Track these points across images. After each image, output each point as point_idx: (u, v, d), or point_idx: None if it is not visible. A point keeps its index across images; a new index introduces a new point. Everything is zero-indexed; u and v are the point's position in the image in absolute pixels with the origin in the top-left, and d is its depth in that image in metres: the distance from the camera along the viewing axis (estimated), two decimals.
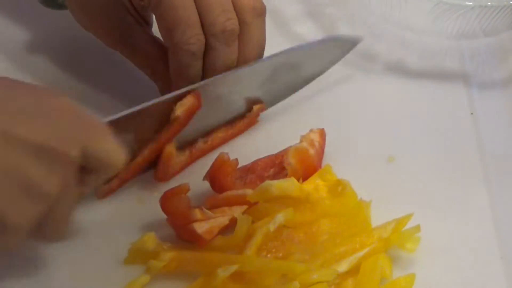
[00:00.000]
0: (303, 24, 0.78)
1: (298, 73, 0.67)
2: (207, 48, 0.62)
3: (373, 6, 0.75)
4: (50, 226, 0.52)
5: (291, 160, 0.62)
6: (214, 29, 0.61)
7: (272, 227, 0.57)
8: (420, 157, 0.67)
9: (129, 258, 0.58)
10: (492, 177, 0.65)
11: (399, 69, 0.74)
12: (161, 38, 0.64)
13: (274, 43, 0.66)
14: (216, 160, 0.60)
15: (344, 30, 0.77)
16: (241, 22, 0.62)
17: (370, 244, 0.58)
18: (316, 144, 0.63)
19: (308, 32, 0.77)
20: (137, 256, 0.58)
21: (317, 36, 0.76)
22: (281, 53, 0.66)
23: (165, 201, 0.59)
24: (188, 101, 0.61)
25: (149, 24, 0.67)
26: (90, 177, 0.53)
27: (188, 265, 0.57)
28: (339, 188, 0.61)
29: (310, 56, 0.67)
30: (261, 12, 0.63)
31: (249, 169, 0.62)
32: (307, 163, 0.62)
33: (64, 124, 0.50)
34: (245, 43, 0.63)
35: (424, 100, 0.72)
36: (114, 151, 0.52)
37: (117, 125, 0.57)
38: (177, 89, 0.62)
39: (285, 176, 0.61)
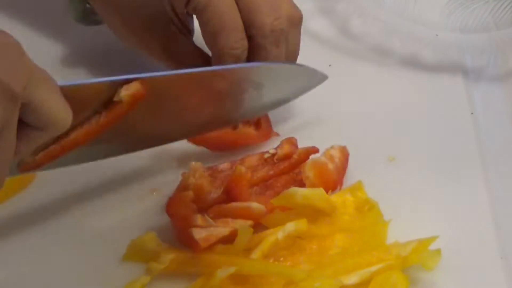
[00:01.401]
0: (315, 20, 0.78)
1: (262, 93, 0.65)
2: (257, 50, 0.62)
3: (386, 1, 0.76)
4: None
5: (309, 173, 0.61)
6: (263, 29, 0.61)
7: (280, 235, 0.57)
8: (420, 157, 0.66)
9: (128, 254, 0.58)
10: (492, 177, 0.65)
11: (410, 65, 0.75)
12: (202, 48, 0.65)
13: None
14: (233, 173, 0.60)
15: (356, 25, 0.77)
16: None
17: (386, 260, 0.57)
18: (337, 160, 0.62)
19: (321, 28, 0.77)
20: (136, 253, 0.58)
21: (330, 32, 0.76)
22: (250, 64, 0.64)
23: (171, 204, 0.59)
24: (134, 86, 0.57)
25: (191, 33, 0.67)
26: (30, 133, 0.48)
27: (188, 266, 0.57)
28: (366, 207, 0.60)
29: (275, 77, 0.65)
30: (298, 22, 0.64)
31: (269, 186, 0.62)
32: (326, 177, 0.61)
33: (8, 58, 0.46)
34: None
35: (424, 99, 0.72)
36: (58, 106, 0.48)
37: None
38: None
39: None
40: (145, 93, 0.57)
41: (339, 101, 0.70)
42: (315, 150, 0.63)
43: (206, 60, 0.65)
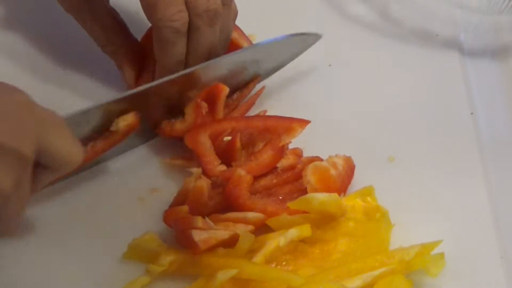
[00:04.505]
0: (355, 5, 0.79)
1: (259, 66, 0.68)
2: (191, 28, 0.62)
3: None
4: (0, 222, 0.50)
5: (310, 178, 0.60)
6: (197, 8, 0.61)
7: (282, 241, 0.56)
8: (420, 157, 0.67)
9: (129, 253, 0.58)
10: (492, 177, 0.66)
11: (410, 65, 0.75)
12: (117, 12, 0.66)
13: (330, 23, 0.71)
14: (232, 176, 0.60)
15: (395, 8, 0.79)
16: None
17: (389, 264, 0.57)
18: (340, 168, 0.62)
19: (362, 12, 0.78)
20: (137, 252, 0.58)
21: (370, 16, 0.78)
22: (243, 50, 0.67)
23: (168, 216, 0.59)
24: (130, 118, 0.61)
25: None
26: (45, 173, 0.51)
27: (188, 268, 0.57)
28: (377, 215, 0.60)
29: (271, 52, 0.68)
30: (229, 1, 0.64)
31: (272, 193, 0.62)
32: (329, 183, 0.61)
33: (17, 120, 0.48)
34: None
35: (424, 99, 0.72)
36: (70, 148, 0.50)
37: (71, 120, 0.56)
38: (160, 71, 0.63)
39: None
40: (139, 122, 0.62)
41: (339, 101, 0.70)
42: (318, 160, 0.63)
43: (119, 23, 0.66)
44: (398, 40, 0.77)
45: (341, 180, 0.62)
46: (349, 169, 0.63)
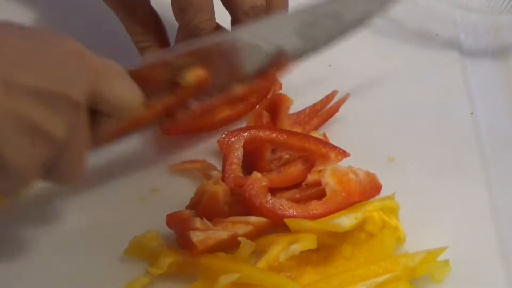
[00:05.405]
0: None
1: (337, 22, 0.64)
2: (236, 24, 0.62)
3: None
4: (63, 169, 0.51)
5: (329, 180, 0.60)
6: (243, 6, 0.61)
7: (282, 257, 0.56)
8: (420, 157, 0.67)
9: (129, 250, 0.58)
10: (492, 177, 0.65)
11: (410, 65, 0.75)
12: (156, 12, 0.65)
13: None
14: (250, 179, 0.59)
15: (395, 9, 0.77)
16: None
17: (394, 271, 0.56)
18: (361, 178, 0.60)
19: None
20: (137, 250, 0.58)
21: None
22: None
23: (170, 220, 0.59)
24: (199, 71, 0.57)
25: None
26: (105, 120, 0.52)
27: (188, 269, 0.57)
28: (400, 236, 0.59)
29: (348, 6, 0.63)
30: None
31: (288, 198, 0.61)
32: (349, 186, 0.60)
33: (67, 66, 0.49)
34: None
35: (424, 98, 0.72)
36: (126, 91, 0.51)
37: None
38: None
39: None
40: (209, 78, 0.57)
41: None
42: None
43: (158, 21, 0.66)
44: (398, 40, 0.77)
45: (362, 188, 0.60)
46: (373, 184, 0.61)
